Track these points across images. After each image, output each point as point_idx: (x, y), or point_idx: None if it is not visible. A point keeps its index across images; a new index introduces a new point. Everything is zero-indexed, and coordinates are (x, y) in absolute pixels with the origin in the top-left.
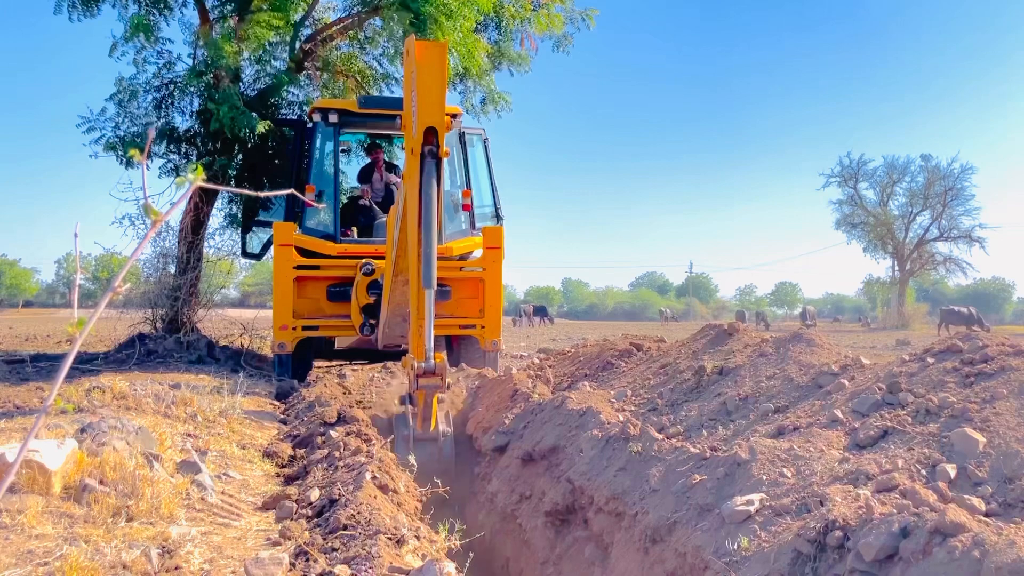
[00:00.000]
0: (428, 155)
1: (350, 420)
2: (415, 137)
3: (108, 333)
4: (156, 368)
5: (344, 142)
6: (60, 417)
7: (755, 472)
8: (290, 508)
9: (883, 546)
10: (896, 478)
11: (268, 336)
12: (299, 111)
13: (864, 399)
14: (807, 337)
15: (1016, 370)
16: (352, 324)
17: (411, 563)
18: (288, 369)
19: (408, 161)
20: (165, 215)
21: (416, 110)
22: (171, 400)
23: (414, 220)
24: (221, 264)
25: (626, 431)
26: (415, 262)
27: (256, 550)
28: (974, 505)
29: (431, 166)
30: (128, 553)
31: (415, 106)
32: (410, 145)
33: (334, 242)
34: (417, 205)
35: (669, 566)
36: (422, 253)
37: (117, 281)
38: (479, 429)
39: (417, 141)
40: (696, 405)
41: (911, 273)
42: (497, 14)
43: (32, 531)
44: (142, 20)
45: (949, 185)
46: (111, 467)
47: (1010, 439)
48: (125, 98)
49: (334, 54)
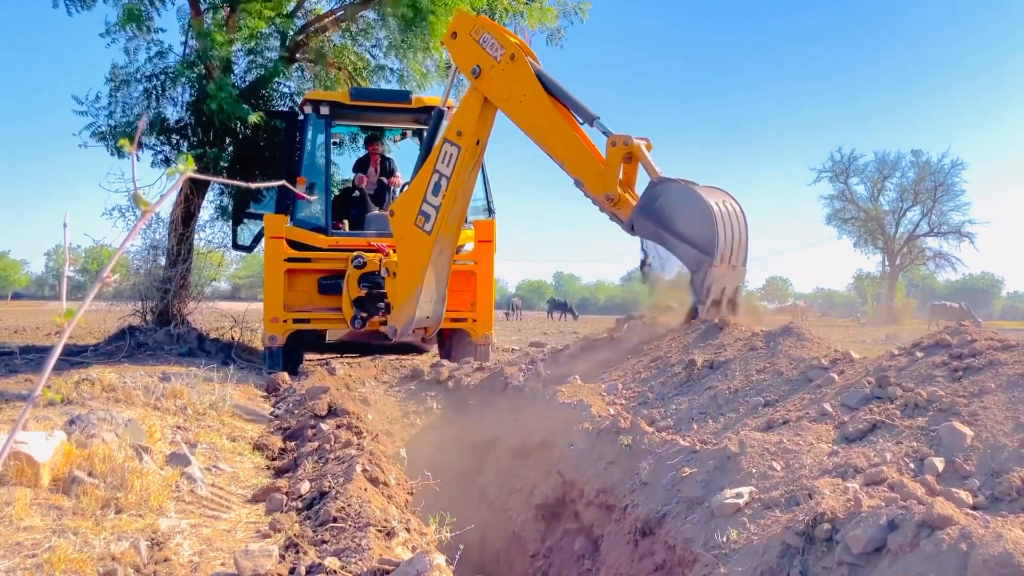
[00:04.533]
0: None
1: (341, 413)
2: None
3: (98, 325)
4: (146, 360)
5: (336, 134)
6: (49, 409)
7: (745, 465)
8: (280, 500)
9: (871, 539)
10: (884, 471)
11: (259, 329)
12: (291, 103)
13: (853, 393)
14: (797, 331)
15: (1004, 364)
16: (343, 317)
17: (401, 555)
18: (279, 362)
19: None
20: (155, 206)
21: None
22: (161, 392)
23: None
24: (212, 256)
25: (617, 424)
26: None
27: (246, 542)
28: (962, 498)
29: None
30: (117, 545)
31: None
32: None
33: (325, 234)
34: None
35: (659, 559)
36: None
37: (106, 272)
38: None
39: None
40: (686, 398)
41: (901, 268)
42: (491, 7)
43: (20, 523)
44: (134, 9)
45: (939, 180)
46: (100, 459)
47: (998, 433)
48: (117, 86)
49: (327, 46)
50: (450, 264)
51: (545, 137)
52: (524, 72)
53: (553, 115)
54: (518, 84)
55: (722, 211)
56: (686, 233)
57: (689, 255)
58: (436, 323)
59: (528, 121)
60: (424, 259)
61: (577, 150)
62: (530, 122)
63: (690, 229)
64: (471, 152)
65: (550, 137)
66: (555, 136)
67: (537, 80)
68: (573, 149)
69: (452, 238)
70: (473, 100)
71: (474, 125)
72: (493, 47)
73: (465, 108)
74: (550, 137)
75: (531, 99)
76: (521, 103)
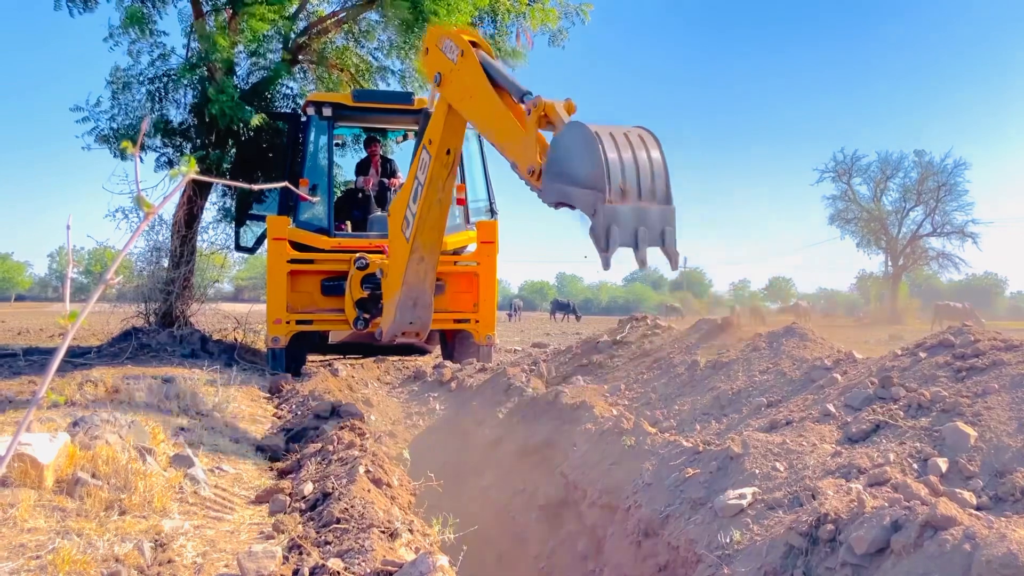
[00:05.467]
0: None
1: (344, 414)
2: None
3: (101, 327)
4: (149, 362)
5: (338, 136)
6: (52, 411)
7: (748, 466)
8: (283, 502)
9: (874, 539)
10: (888, 472)
11: (262, 330)
12: (293, 104)
13: (856, 393)
14: (800, 332)
15: (1007, 364)
16: (346, 318)
17: (404, 556)
18: (282, 363)
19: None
20: (158, 207)
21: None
22: (164, 394)
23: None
24: (215, 258)
25: (620, 425)
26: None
27: (249, 543)
28: (965, 499)
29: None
30: (121, 546)
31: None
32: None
33: (328, 236)
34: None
35: (662, 559)
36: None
37: (109, 273)
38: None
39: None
40: (689, 399)
41: (904, 268)
42: (493, 8)
43: (24, 525)
44: (137, 12)
45: (942, 181)
46: (104, 461)
47: (1001, 433)
48: (119, 89)
49: (329, 47)
50: (434, 271)
51: (489, 127)
52: (472, 65)
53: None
54: (468, 78)
55: (616, 138)
56: (580, 176)
57: (584, 199)
58: (423, 328)
59: (479, 116)
60: (403, 265)
61: (509, 130)
62: (480, 117)
63: (582, 169)
64: (440, 161)
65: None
66: (495, 122)
67: (482, 71)
68: (506, 129)
69: (432, 246)
70: (439, 108)
71: (441, 134)
72: (451, 50)
73: (434, 117)
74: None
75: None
76: (472, 99)
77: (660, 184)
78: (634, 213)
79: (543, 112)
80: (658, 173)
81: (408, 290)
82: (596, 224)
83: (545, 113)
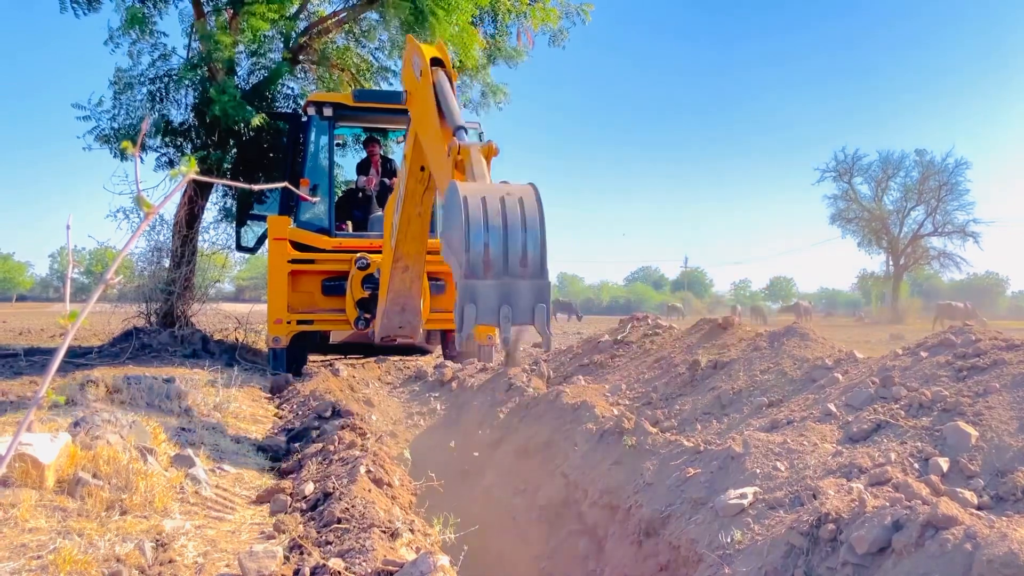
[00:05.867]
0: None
1: (345, 414)
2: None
3: (102, 327)
4: (150, 362)
5: (339, 136)
6: (54, 411)
7: (749, 465)
8: (284, 502)
9: (875, 539)
10: (889, 471)
11: (263, 330)
12: (294, 105)
13: (857, 393)
14: (801, 331)
15: (1008, 364)
16: (347, 318)
17: (405, 556)
18: (283, 363)
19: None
20: (158, 207)
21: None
22: (165, 394)
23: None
24: (215, 258)
25: (620, 425)
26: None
27: (250, 543)
28: (966, 498)
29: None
30: (122, 546)
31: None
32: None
33: (329, 236)
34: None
35: (663, 559)
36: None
37: (109, 273)
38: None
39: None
40: (690, 399)
41: (905, 268)
42: (493, 8)
43: (25, 525)
44: (137, 12)
45: (943, 180)
46: (105, 461)
47: (1002, 433)
48: (120, 89)
49: (330, 47)
50: (420, 280)
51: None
52: (426, 88)
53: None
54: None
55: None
56: (452, 243)
57: (454, 269)
58: (412, 333)
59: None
60: (387, 272)
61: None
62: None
63: (455, 235)
64: (415, 177)
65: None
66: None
67: (433, 95)
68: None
69: (416, 256)
70: (410, 126)
71: (412, 152)
72: (416, 66)
73: (408, 133)
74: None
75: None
76: (422, 123)
77: (533, 255)
78: (497, 289)
79: (459, 156)
80: (532, 242)
81: (394, 297)
82: (457, 301)
83: (461, 158)
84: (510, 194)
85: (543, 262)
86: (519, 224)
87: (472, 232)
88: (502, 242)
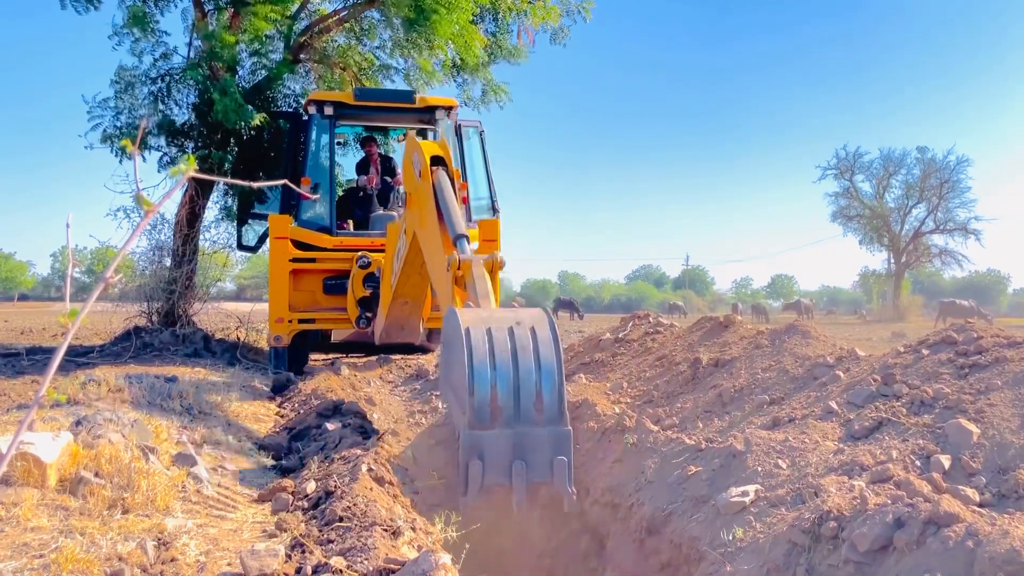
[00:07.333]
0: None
1: (346, 413)
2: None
3: (104, 326)
4: (152, 361)
5: (340, 135)
6: (55, 410)
7: (750, 463)
8: (286, 500)
9: (877, 537)
10: (890, 469)
11: (264, 329)
12: (295, 103)
13: (859, 391)
14: (802, 329)
15: (1010, 361)
16: (348, 317)
17: (407, 554)
18: (284, 362)
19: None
20: (158, 205)
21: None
22: (167, 393)
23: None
24: (217, 257)
25: (622, 423)
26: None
27: (252, 542)
28: (968, 496)
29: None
30: (124, 545)
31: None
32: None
33: (330, 235)
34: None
35: (665, 557)
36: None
37: (109, 272)
38: None
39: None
40: (692, 397)
41: (907, 265)
42: (494, 6)
43: (28, 524)
44: (139, 12)
45: (945, 177)
46: (107, 459)
47: (1004, 430)
48: (122, 88)
49: (331, 46)
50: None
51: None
52: (425, 192)
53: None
54: (420, 206)
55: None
56: (453, 381)
57: (455, 416)
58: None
59: (425, 248)
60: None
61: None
62: (426, 250)
63: (455, 372)
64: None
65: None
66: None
67: (434, 199)
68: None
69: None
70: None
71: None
72: (417, 165)
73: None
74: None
75: (427, 223)
76: (421, 228)
77: (549, 398)
78: (508, 440)
79: (459, 271)
80: (548, 382)
81: (393, 322)
82: (462, 455)
83: (462, 273)
84: (519, 323)
85: (561, 405)
86: (532, 360)
87: (476, 372)
88: (512, 383)
